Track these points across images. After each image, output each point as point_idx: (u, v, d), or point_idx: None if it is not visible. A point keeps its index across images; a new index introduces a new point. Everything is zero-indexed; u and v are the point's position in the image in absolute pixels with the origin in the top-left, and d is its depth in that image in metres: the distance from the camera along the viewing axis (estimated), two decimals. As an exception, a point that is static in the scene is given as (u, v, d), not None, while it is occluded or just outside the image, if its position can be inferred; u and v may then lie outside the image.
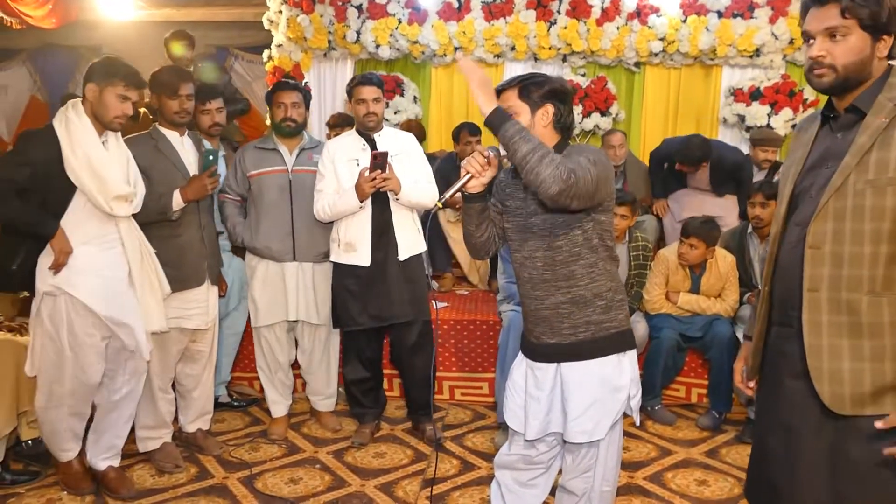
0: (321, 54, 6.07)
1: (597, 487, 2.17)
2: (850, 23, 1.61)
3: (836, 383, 1.65)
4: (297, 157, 3.47)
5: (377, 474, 3.22)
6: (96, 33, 7.55)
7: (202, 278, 3.21)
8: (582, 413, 2.06)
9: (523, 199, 2.12)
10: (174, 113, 3.10)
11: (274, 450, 3.48)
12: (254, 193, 3.46)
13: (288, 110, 3.42)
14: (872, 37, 1.62)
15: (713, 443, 3.51)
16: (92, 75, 2.77)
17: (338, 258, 3.38)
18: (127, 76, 2.76)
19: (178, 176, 3.10)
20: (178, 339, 3.23)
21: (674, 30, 5.56)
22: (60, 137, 2.71)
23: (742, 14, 5.55)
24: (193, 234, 3.17)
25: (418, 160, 3.45)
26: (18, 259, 2.81)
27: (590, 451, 2.13)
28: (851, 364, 1.64)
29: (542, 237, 2.07)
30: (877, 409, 1.62)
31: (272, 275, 3.46)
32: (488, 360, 3.97)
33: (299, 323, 3.56)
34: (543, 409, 2.13)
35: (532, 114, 2.06)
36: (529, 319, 2.17)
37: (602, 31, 5.64)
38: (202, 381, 3.40)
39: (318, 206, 3.34)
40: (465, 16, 5.76)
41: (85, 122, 2.75)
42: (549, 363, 2.13)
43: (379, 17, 5.78)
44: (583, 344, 2.08)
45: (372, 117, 3.32)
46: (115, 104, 2.74)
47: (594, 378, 2.07)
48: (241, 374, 4.15)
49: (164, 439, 3.30)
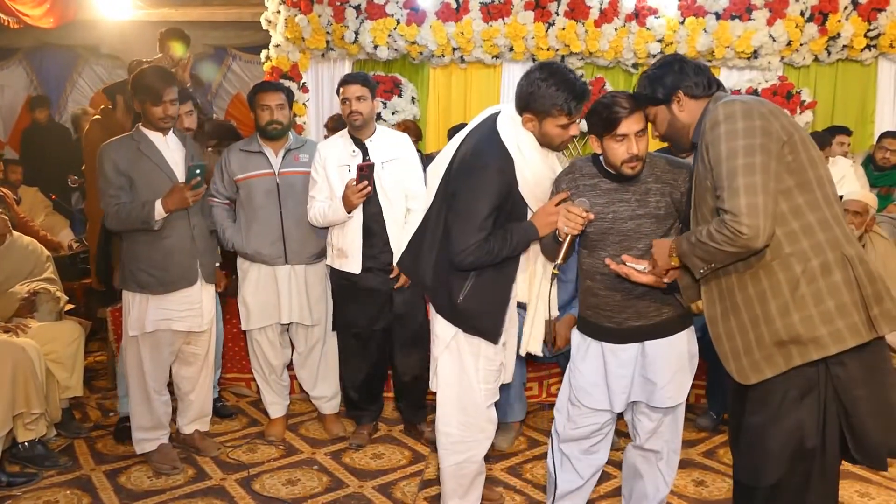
0: (319, 55, 6.07)
1: (671, 447, 2.55)
2: (650, 111, 2.19)
3: (737, 358, 2.01)
4: (283, 158, 3.42)
5: (375, 475, 3.22)
6: (94, 33, 7.53)
7: (193, 278, 3.16)
8: (669, 381, 2.38)
9: (625, 203, 2.32)
10: (158, 119, 3.06)
11: (272, 451, 3.47)
12: (241, 198, 3.42)
13: (274, 112, 3.36)
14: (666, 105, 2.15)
15: (711, 443, 3.52)
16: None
17: (332, 263, 3.38)
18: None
19: (162, 178, 3.06)
20: (170, 340, 3.20)
21: (672, 31, 5.57)
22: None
23: (740, 16, 5.56)
24: (182, 233, 3.12)
25: (411, 166, 3.38)
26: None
27: (668, 414, 2.47)
28: (742, 338, 1.99)
29: (639, 239, 2.31)
30: (773, 369, 1.93)
31: (264, 278, 3.43)
32: (486, 361, 3.95)
33: (293, 325, 3.55)
34: (627, 384, 2.42)
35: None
36: (611, 308, 2.39)
37: (600, 32, 5.65)
38: (199, 382, 3.38)
39: (311, 214, 3.32)
40: (463, 16, 5.76)
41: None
42: (633, 343, 2.39)
43: (377, 18, 5.78)
44: (665, 323, 2.37)
45: (356, 116, 3.25)
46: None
47: (675, 350, 2.39)
48: (238, 375, 4.14)
49: (161, 441, 3.28)
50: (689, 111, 2.11)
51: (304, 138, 3.67)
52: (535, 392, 3.85)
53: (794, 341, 1.90)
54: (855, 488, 3.09)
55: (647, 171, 2.33)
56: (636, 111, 2.22)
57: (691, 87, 2.09)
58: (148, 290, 3.10)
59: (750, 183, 1.84)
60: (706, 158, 1.95)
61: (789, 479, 1.96)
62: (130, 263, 3.12)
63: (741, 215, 1.83)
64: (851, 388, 1.90)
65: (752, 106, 1.92)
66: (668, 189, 2.31)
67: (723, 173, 1.88)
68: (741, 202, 1.83)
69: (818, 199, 1.92)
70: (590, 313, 2.46)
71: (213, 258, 3.35)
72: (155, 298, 3.10)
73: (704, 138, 1.97)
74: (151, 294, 3.10)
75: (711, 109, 2.00)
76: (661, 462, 2.57)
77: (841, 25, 5.50)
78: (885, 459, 1.99)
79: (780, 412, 1.93)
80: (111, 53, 8.29)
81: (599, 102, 2.28)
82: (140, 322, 3.12)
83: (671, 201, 2.32)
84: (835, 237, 1.90)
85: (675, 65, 2.13)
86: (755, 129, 1.88)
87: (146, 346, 3.14)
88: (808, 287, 1.89)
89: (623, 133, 2.22)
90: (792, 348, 1.90)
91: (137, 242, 3.01)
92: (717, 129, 1.92)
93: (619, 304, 2.37)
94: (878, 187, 4.91)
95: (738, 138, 1.88)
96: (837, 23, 5.50)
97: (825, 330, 1.88)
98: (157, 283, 3.08)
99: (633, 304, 2.36)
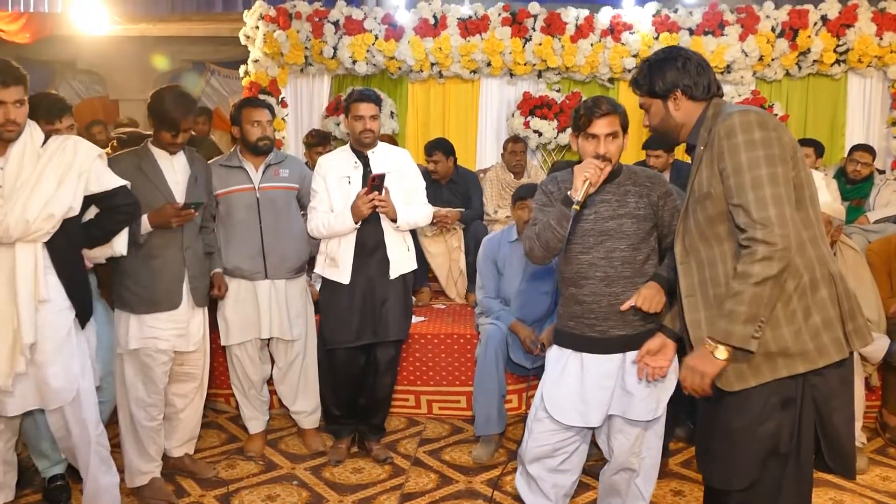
0: (298, 70, 6.10)
1: (648, 464, 2.53)
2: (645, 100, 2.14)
3: None
4: (263, 173, 3.42)
5: (355, 490, 3.21)
6: (71, 48, 7.52)
7: (176, 302, 3.06)
8: (648, 395, 2.39)
9: (605, 203, 2.39)
10: (168, 144, 3.05)
11: (251, 467, 3.45)
12: (221, 213, 3.40)
13: (265, 129, 3.38)
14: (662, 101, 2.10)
15: (688, 453, 3.54)
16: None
17: (322, 272, 3.37)
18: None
19: (158, 198, 3.00)
20: (158, 359, 3.08)
21: (646, 46, 5.66)
22: None
23: (713, 31, 5.68)
24: (173, 254, 3.06)
25: (413, 177, 3.44)
26: None
27: (647, 428, 2.47)
28: None
29: (621, 238, 2.37)
30: (757, 378, 1.91)
31: (244, 293, 3.41)
32: (466, 374, 3.97)
33: (273, 339, 3.53)
34: (608, 396, 2.41)
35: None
36: (596, 316, 2.40)
37: (576, 47, 5.74)
38: (192, 402, 3.29)
39: (312, 225, 3.32)
40: (441, 32, 5.82)
41: None
42: (615, 353, 2.40)
43: (355, 33, 5.82)
44: (649, 333, 2.32)
45: (368, 134, 3.30)
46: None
47: None
48: (217, 391, 4.11)
49: (153, 474, 3.15)
50: (685, 112, 2.07)
51: (284, 153, 3.67)
52: (514, 405, 3.87)
53: (783, 354, 1.90)
54: (829, 495, 3.13)
55: (625, 177, 2.44)
56: (610, 115, 2.33)
57: (691, 88, 2.04)
58: (129, 309, 3.04)
59: (777, 193, 1.83)
60: (716, 166, 1.93)
61: (762, 483, 1.97)
62: (116, 280, 3.06)
63: (773, 225, 1.80)
64: (828, 398, 1.93)
65: (766, 117, 1.91)
66: (646, 191, 2.42)
67: (746, 183, 1.85)
68: (771, 212, 1.81)
69: (810, 216, 1.93)
70: (572, 324, 2.46)
71: (205, 281, 3.24)
72: (138, 317, 3.04)
73: (715, 146, 1.93)
74: (133, 313, 3.04)
75: (721, 116, 1.97)
76: (638, 479, 2.56)
77: (811, 41, 5.63)
78: (854, 468, 2.02)
79: (759, 418, 1.94)
80: (88, 69, 8.27)
81: (583, 103, 2.41)
82: (125, 339, 3.05)
83: (649, 203, 2.41)
84: (822, 254, 1.93)
85: (678, 60, 2.05)
86: (773, 140, 1.87)
87: (131, 365, 3.07)
88: (799, 302, 1.89)
89: (594, 133, 2.34)
90: (779, 360, 1.90)
91: (125, 259, 2.94)
92: (735, 139, 1.89)
93: (605, 312, 2.39)
94: (849, 199, 5.00)
95: (758, 148, 1.86)
96: (807, 38, 5.63)
97: (812, 344, 1.89)
98: (138, 302, 3.02)
99: (619, 313, 2.37)
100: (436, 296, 4.92)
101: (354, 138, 3.36)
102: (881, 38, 5.62)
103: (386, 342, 3.41)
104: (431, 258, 4.75)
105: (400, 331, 3.43)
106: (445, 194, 4.87)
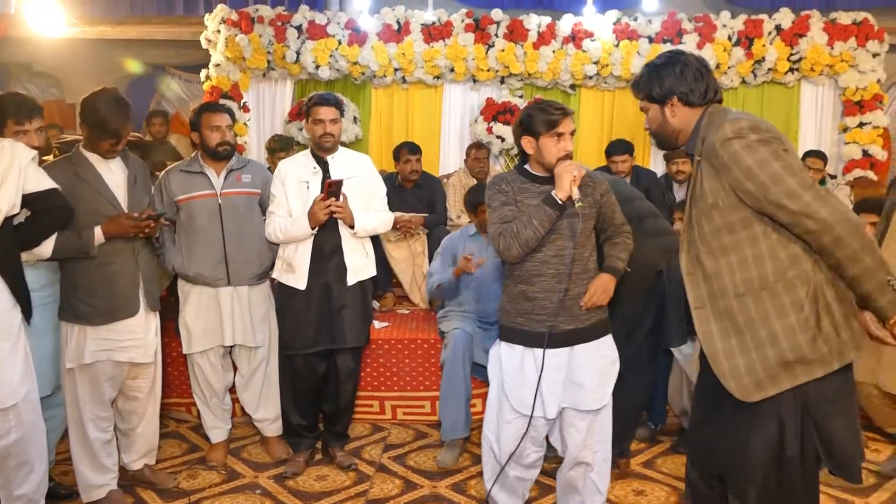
0: (260, 74, 6.06)
1: (600, 456, 2.67)
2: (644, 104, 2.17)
3: (737, 377, 2.00)
4: (224, 179, 3.38)
5: (319, 497, 3.20)
6: (26, 50, 7.35)
7: (135, 308, 3.02)
8: (596, 385, 2.56)
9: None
10: (107, 151, 2.97)
11: (213, 476, 3.41)
12: (182, 219, 3.35)
13: (225, 134, 3.34)
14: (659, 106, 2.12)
15: (650, 454, 3.60)
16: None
17: (279, 276, 3.36)
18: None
19: (102, 202, 2.94)
20: (111, 373, 3.02)
21: (607, 54, 5.76)
22: None
23: (671, 39, 5.80)
24: (126, 260, 3.01)
25: (374, 183, 3.44)
26: None
27: (596, 419, 2.61)
28: (744, 358, 1.99)
29: (570, 238, 2.49)
30: (776, 387, 1.95)
31: (206, 300, 3.37)
32: (430, 379, 3.99)
33: (236, 347, 3.50)
34: (560, 389, 2.55)
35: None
36: (548, 311, 2.51)
37: (538, 54, 5.81)
38: (146, 416, 3.22)
39: (270, 230, 3.31)
40: (404, 38, 5.84)
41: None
42: (564, 347, 2.53)
43: (319, 38, 5.81)
44: (593, 327, 2.57)
45: (328, 138, 3.30)
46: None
47: (601, 354, 2.59)
48: (179, 400, 4.05)
49: (109, 486, 3.08)
50: (682, 118, 2.09)
51: (246, 158, 3.64)
52: (478, 409, 3.88)
53: (800, 361, 1.92)
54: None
55: None
56: (569, 115, 2.50)
57: (687, 95, 2.06)
58: (86, 321, 2.95)
59: (801, 180, 1.86)
60: (723, 178, 1.95)
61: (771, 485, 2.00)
62: (68, 293, 2.97)
63: (814, 210, 1.84)
64: (820, 403, 1.96)
65: (757, 121, 1.94)
66: (590, 191, 2.57)
67: (766, 182, 1.87)
68: (805, 198, 1.84)
69: None
70: (521, 320, 2.56)
71: (157, 285, 3.22)
72: (94, 329, 2.96)
73: (714, 157, 1.95)
74: (90, 325, 2.96)
75: (714, 126, 1.99)
76: (593, 473, 2.69)
77: (766, 50, 5.79)
78: (858, 472, 2.04)
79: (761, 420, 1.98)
80: (44, 71, 8.09)
81: (536, 107, 2.52)
82: (78, 353, 2.96)
83: (593, 202, 2.58)
84: (818, 259, 1.95)
85: (677, 66, 2.06)
86: (771, 139, 1.90)
87: (84, 379, 2.98)
88: (811, 308, 1.92)
89: (561, 132, 2.46)
90: (797, 367, 1.93)
91: (76, 270, 2.88)
92: (731, 147, 1.91)
93: (555, 308, 2.50)
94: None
95: (761, 149, 1.89)
96: (762, 47, 5.78)
97: (826, 348, 1.92)
98: (96, 314, 2.94)
99: (569, 308, 2.51)
100: (399, 301, 4.91)
101: (315, 142, 3.36)
102: (832, 48, 5.81)
103: (345, 349, 3.40)
104: (395, 263, 4.76)
105: (358, 337, 3.42)
106: (411, 199, 4.89)
